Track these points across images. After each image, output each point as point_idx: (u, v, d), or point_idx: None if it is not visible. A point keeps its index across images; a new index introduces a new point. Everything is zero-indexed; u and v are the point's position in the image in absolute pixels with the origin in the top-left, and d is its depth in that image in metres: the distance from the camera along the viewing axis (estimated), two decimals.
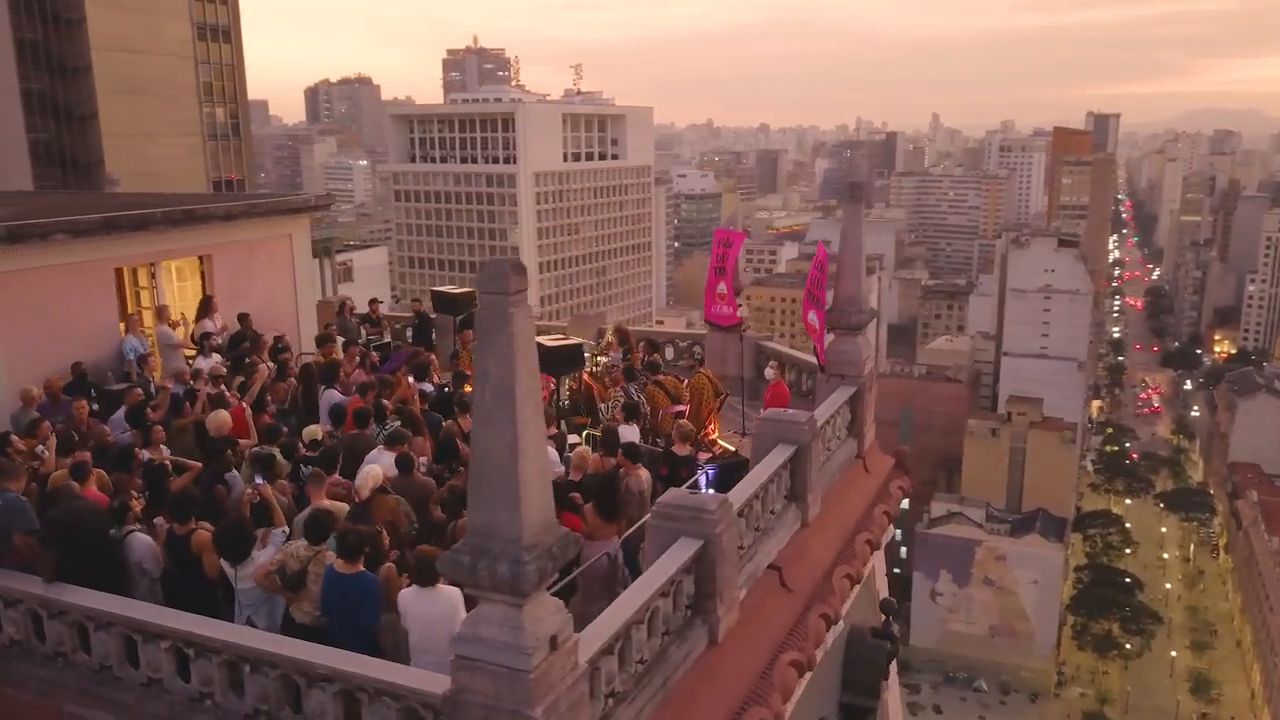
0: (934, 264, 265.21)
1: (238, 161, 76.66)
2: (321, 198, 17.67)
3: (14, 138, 57.48)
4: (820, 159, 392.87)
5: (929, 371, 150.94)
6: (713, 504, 8.26)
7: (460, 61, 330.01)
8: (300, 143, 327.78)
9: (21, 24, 57.98)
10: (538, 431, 5.71)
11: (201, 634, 6.91)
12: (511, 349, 5.48)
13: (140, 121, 64.90)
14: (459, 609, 6.87)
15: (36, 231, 12.21)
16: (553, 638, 5.86)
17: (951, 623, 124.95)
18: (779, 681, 8.64)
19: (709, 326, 16.25)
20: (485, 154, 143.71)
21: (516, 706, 5.68)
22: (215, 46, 74.48)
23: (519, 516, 5.58)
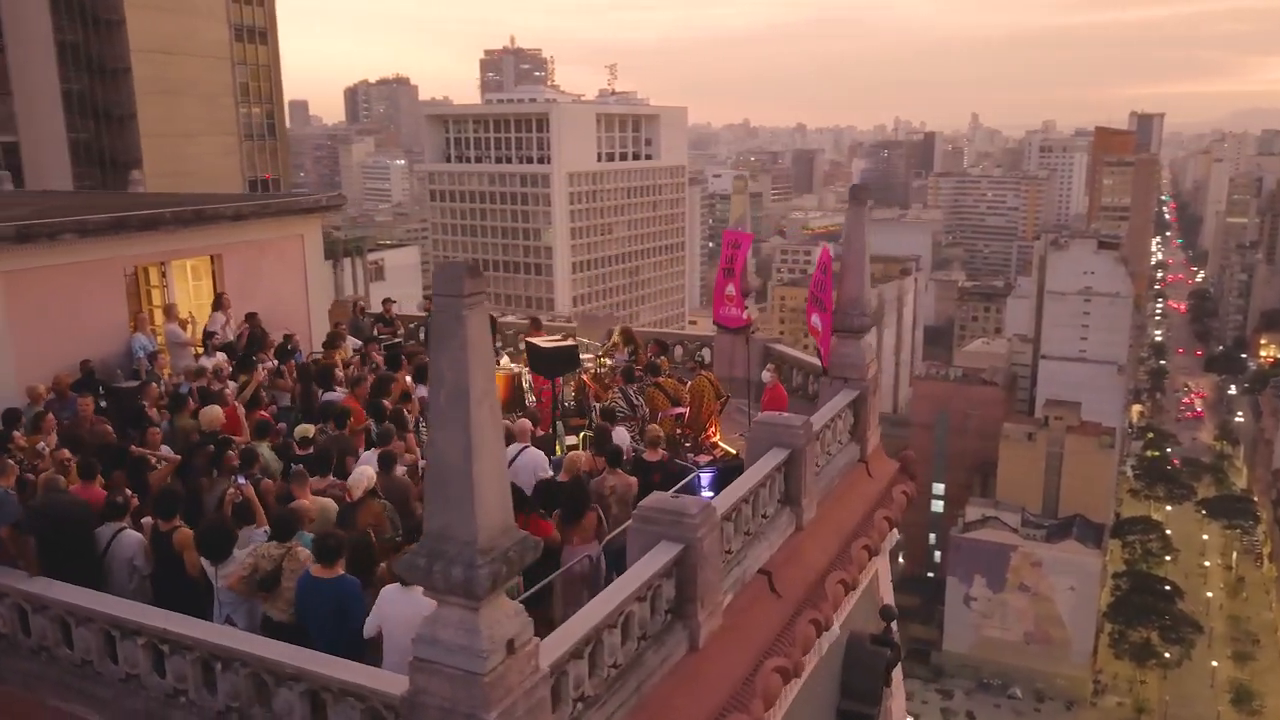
0: (971, 265, 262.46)
1: (273, 161, 77.60)
2: (332, 197, 17.81)
3: (55, 138, 58.73)
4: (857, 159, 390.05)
5: (965, 374, 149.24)
6: (693, 508, 8.20)
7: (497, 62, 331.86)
8: (339, 142, 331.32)
9: (63, 26, 59.20)
10: (494, 435, 5.70)
11: (175, 631, 6.98)
12: (465, 352, 5.47)
13: (178, 122, 65.86)
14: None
15: (45, 231, 12.44)
16: (510, 641, 5.85)
17: (986, 628, 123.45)
18: (762, 688, 8.57)
19: (717, 328, 16.18)
20: (520, 154, 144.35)
21: (472, 710, 5.68)
22: (252, 48, 75.45)
23: (474, 519, 5.58)
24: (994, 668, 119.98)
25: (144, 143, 62.85)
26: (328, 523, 8.30)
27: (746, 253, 15.44)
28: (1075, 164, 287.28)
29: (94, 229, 13.02)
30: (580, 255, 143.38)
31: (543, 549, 9.26)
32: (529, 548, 5.88)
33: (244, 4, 73.84)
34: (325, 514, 8.50)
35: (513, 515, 5.95)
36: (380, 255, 63.71)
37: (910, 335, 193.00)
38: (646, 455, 10.63)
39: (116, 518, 8.24)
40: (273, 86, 77.77)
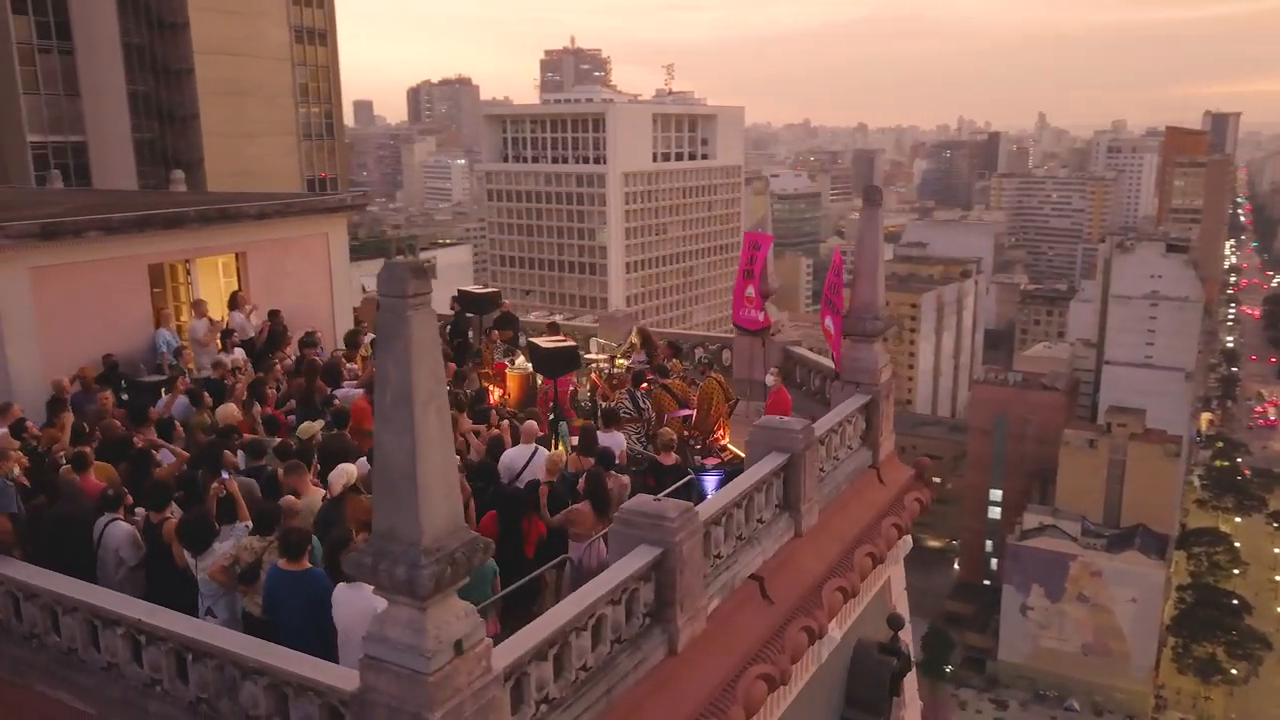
0: (1034, 268, 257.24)
1: (331, 160, 79.00)
2: (358, 197, 18.06)
3: (120, 138, 60.44)
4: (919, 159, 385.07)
5: (1025, 379, 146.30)
6: (673, 512, 8.14)
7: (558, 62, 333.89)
8: (401, 142, 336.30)
9: (129, 29, 60.89)
10: (441, 435, 5.71)
11: (149, 622, 7.13)
12: (409, 353, 5.49)
13: (239, 122, 67.40)
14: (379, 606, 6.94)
15: (70, 229, 12.82)
16: (458, 642, 5.86)
17: (1043, 639, 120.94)
18: (743, 694, 8.48)
19: (737, 330, 16.06)
20: (576, 154, 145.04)
21: (417, 709, 5.70)
22: (312, 49, 76.88)
23: (418, 520, 5.60)
24: (1051, 679, 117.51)
25: (206, 142, 64.41)
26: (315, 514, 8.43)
27: (766, 254, 15.30)
28: (1145, 165, 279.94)
29: (118, 227, 13.39)
30: (634, 255, 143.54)
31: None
32: (477, 549, 5.88)
33: (304, 6, 75.29)
34: (314, 506, 8.63)
35: (462, 516, 5.95)
36: (432, 254, 64.44)
37: (970, 339, 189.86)
38: (661, 459, 10.59)
39: (108, 509, 8.45)
40: (331, 87, 79.16)
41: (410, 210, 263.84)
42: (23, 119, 58.21)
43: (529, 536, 9.13)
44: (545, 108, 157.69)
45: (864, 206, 12.68)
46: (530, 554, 9.11)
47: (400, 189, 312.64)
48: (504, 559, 8.50)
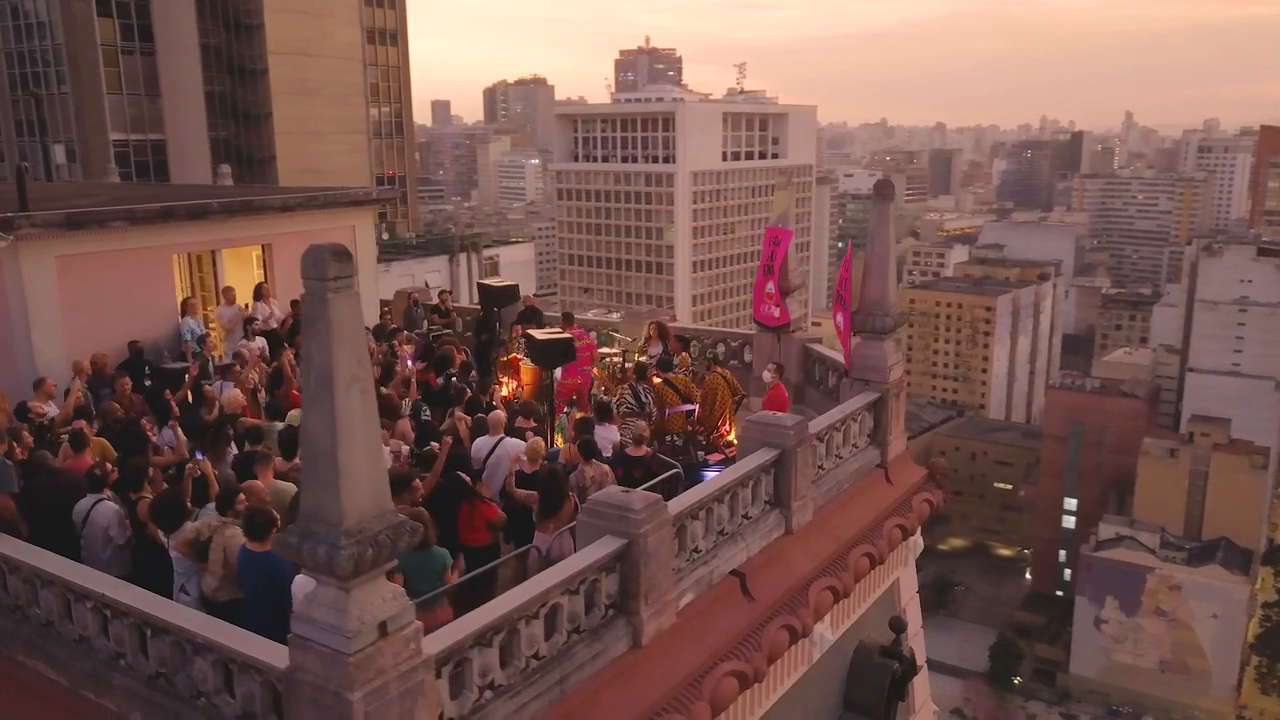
0: (1117, 271, 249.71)
1: (399, 158, 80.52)
2: (384, 191, 18.36)
3: (197, 136, 62.54)
4: (998, 159, 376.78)
5: (1103, 385, 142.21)
6: (639, 503, 8.09)
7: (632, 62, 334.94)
8: (477, 141, 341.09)
9: (207, 31, 62.99)
10: (364, 418, 5.75)
11: (111, 597, 7.33)
12: (330, 335, 5.55)
13: (310, 120, 69.14)
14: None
15: (95, 219, 13.28)
16: (383, 623, 5.90)
17: (1117, 653, 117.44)
18: (710, 690, 8.39)
19: (757, 327, 15.91)
20: (646, 153, 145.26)
21: (338, 689, 5.76)
22: (383, 49, 78.49)
23: (340, 501, 5.66)
24: (1124, 695, 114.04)
25: (278, 140, 66.32)
26: (282, 505, 8.57)
27: (787, 250, 15.12)
28: (1238, 165, 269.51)
29: (142, 217, 13.83)
30: (701, 254, 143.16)
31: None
32: (404, 532, 5.91)
33: (376, 7, 76.87)
34: (279, 496, 8.78)
35: (389, 498, 5.99)
36: (496, 251, 65.27)
37: (1047, 343, 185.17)
38: (630, 450, 10.56)
39: (96, 489, 8.73)
40: (401, 87, 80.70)
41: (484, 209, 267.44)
42: (106, 118, 60.58)
43: (472, 523, 9.13)
44: (616, 107, 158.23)
45: (875, 201, 12.46)
46: (481, 540, 9.12)
47: (475, 188, 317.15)
48: (445, 540, 8.58)
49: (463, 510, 9.10)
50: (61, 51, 60.68)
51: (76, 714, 7.59)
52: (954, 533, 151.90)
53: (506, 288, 16.60)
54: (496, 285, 16.75)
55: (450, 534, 9.06)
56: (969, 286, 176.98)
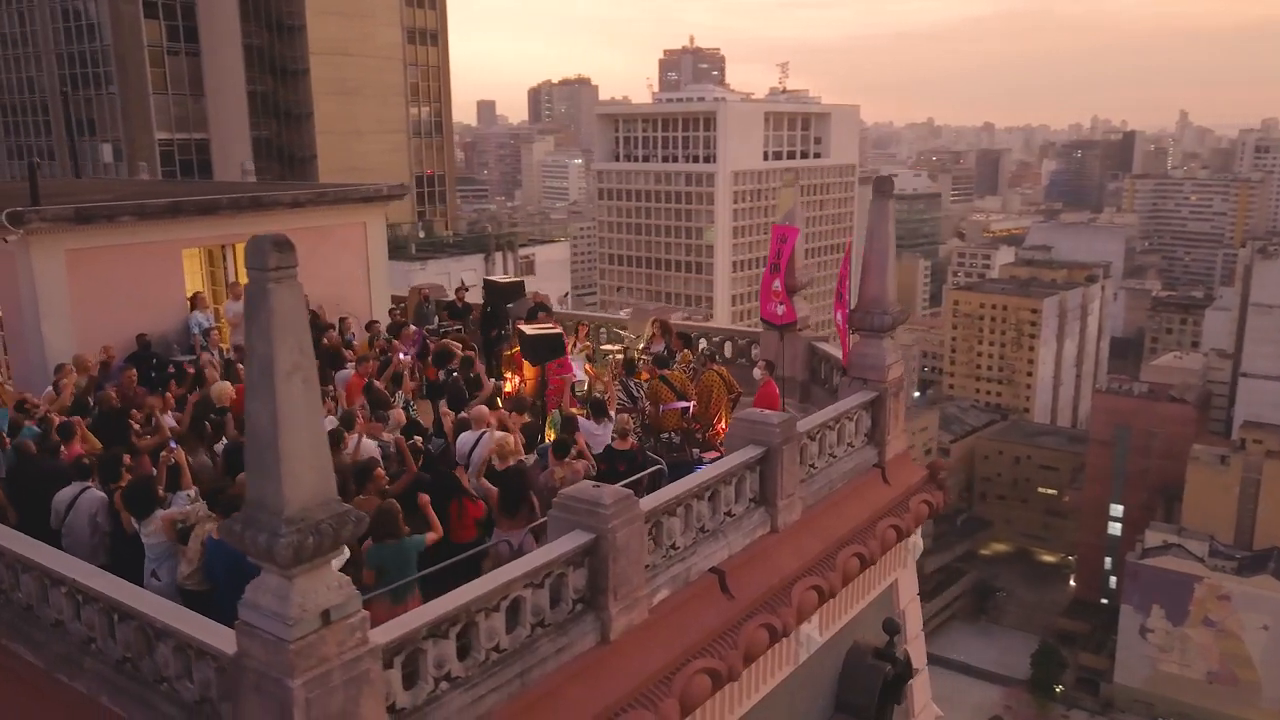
0: (1169, 274, 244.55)
1: (438, 157, 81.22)
2: (394, 188, 18.49)
3: (240, 135, 63.60)
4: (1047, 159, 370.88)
5: (1151, 389, 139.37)
6: (609, 498, 8.08)
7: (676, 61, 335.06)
8: (521, 141, 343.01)
9: (250, 31, 64.04)
10: (307, 407, 5.79)
11: (84, 582, 7.47)
12: (271, 325, 5.61)
13: (350, 120, 70.01)
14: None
15: (104, 213, 13.56)
16: (326, 612, 5.94)
17: (1163, 663, 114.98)
18: (680, 688, 8.35)
19: (764, 325, 15.80)
20: (686, 153, 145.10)
21: (279, 675, 5.81)
22: (423, 49, 79.23)
23: (281, 490, 5.71)
24: (1170, 705, 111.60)
25: (319, 139, 67.23)
26: None
27: (793, 247, 15.01)
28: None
29: (151, 213, 14.09)
30: (741, 254, 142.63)
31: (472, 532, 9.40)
32: (349, 521, 5.95)
33: (417, 7, 77.61)
34: None
35: (334, 488, 6.03)
36: (531, 250, 65.62)
37: (1095, 346, 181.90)
38: (615, 444, 10.54)
39: (81, 478, 8.91)
40: (441, 86, 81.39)
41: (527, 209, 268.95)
42: (152, 117, 61.83)
43: (461, 520, 9.17)
44: (657, 107, 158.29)
45: (874, 198, 12.33)
46: (468, 538, 9.14)
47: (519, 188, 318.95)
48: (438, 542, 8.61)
49: (452, 508, 9.14)
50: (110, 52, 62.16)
51: (52, 696, 7.75)
52: (996, 538, 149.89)
53: (512, 284, 16.68)
54: (503, 281, 16.84)
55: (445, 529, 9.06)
56: (1015, 288, 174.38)
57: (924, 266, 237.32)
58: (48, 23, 65.60)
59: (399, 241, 61.18)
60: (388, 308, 17.37)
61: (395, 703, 6.65)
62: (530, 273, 65.14)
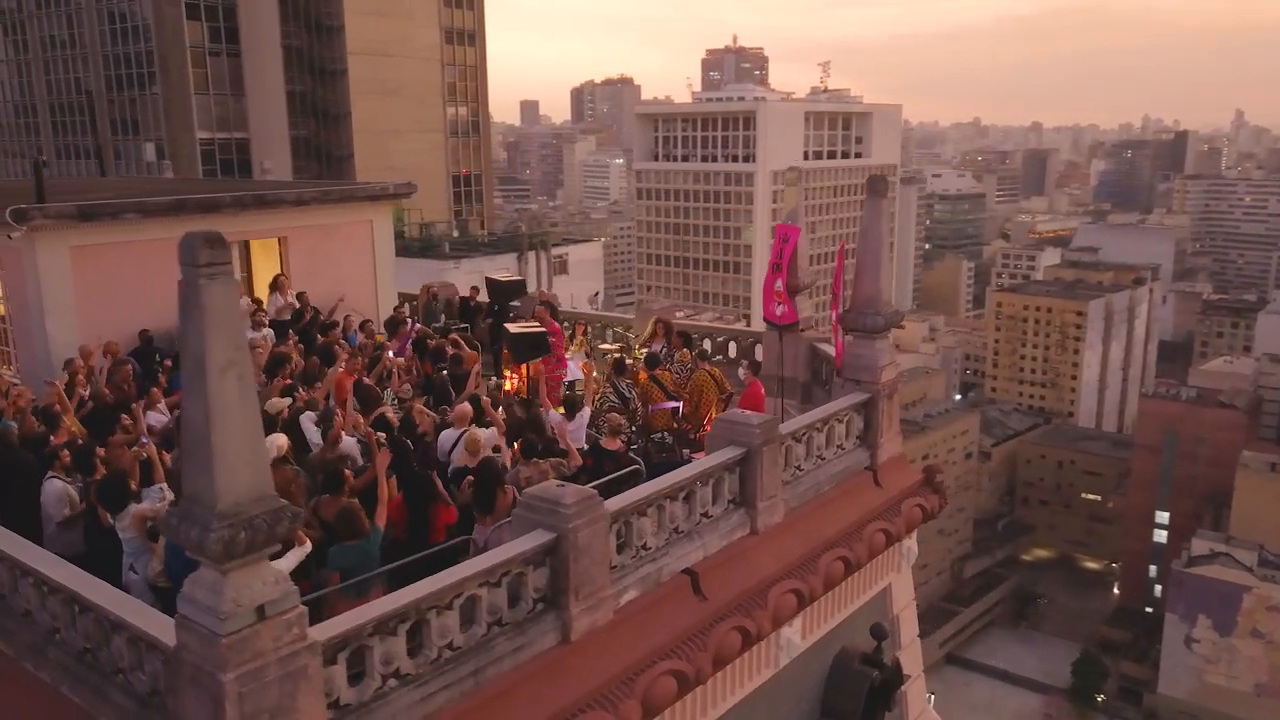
0: (1220, 276, 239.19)
1: (475, 157, 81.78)
2: (400, 186, 18.61)
3: (279, 135, 64.53)
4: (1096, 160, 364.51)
5: (1199, 394, 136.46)
6: (570, 498, 8.05)
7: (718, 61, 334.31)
8: (564, 141, 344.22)
9: (290, 32, 64.95)
10: (240, 403, 5.82)
11: (47, 573, 7.59)
12: (203, 321, 5.65)
13: (388, 119, 70.74)
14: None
15: (107, 210, 13.80)
16: (261, 607, 5.97)
17: (1209, 674, 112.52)
18: (643, 689, 8.29)
19: (766, 325, 15.67)
20: (726, 152, 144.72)
21: (212, 669, 5.86)
22: (461, 50, 79.82)
23: (213, 485, 5.75)
24: (1216, 718, 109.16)
25: (356, 139, 67.99)
26: None
27: (795, 247, 14.87)
28: None
29: (154, 210, 14.32)
30: None
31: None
32: (284, 517, 5.97)
33: (455, 8, 78.19)
34: None
35: (271, 484, 6.06)
36: (564, 250, 65.75)
37: (1142, 350, 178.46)
38: (604, 443, 10.50)
39: (47, 467, 9.06)
40: (479, 86, 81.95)
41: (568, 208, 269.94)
42: (193, 117, 62.95)
43: (434, 524, 9.17)
44: (696, 106, 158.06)
45: (868, 197, 12.18)
46: (438, 540, 9.15)
47: (561, 187, 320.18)
48: (412, 542, 8.65)
49: (430, 512, 9.16)
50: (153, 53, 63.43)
51: (18, 683, 7.88)
52: (1038, 543, 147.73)
53: (513, 282, 16.74)
54: (504, 279, 16.91)
55: (422, 534, 9.11)
56: (1060, 290, 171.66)
57: (967, 268, 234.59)
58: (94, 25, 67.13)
59: (433, 240, 61.57)
60: (393, 305, 17.49)
61: (339, 699, 6.67)
62: (563, 272, 65.26)
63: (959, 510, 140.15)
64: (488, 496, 8.84)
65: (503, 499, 9.01)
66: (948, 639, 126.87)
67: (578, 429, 10.96)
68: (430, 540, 9.14)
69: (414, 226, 62.00)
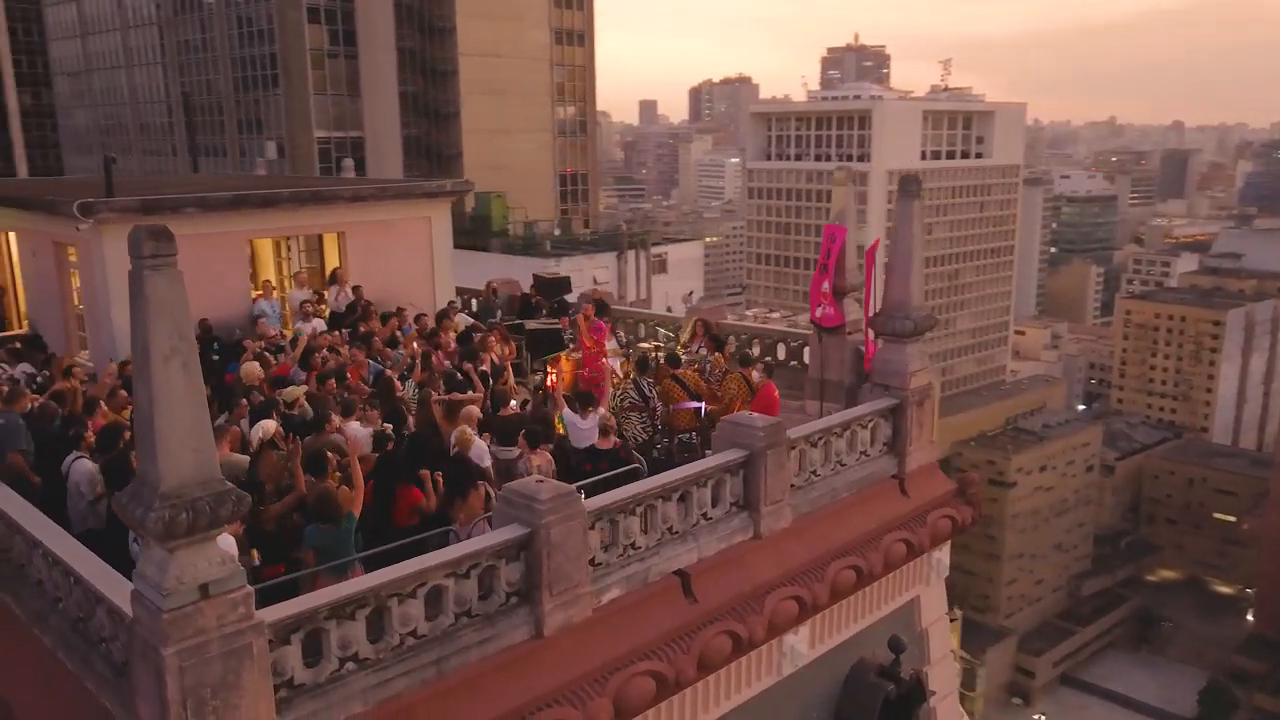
0: None
1: (582, 156, 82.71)
2: (458, 183, 18.93)
3: (391, 134, 66.66)
4: (1243, 160, 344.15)
5: None
6: (544, 494, 8.10)
7: (839, 59, 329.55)
8: (680, 141, 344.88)
9: (404, 34, 67.05)
10: (185, 389, 6.07)
11: (48, 545, 8.07)
12: (147, 311, 5.92)
13: (497, 119, 72.19)
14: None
15: (169, 205, 14.53)
16: (204, 585, 6.22)
17: None
18: (616, 688, 8.28)
19: (813, 328, 15.36)
20: (840, 152, 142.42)
21: (155, 643, 6.13)
22: (570, 50, 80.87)
23: (157, 467, 6.02)
24: None
25: (465, 138, 69.69)
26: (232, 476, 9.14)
27: (842, 247, 14.52)
28: None
29: (214, 205, 15.00)
30: None
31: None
32: (226, 500, 6.20)
33: (565, 9, 79.24)
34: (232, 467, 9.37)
35: (216, 467, 6.29)
36: (664, 249, 65.85)
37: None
38: (598, 443, 10.51)
39: (74, 448, 9.61)
40: (587, 86, 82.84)
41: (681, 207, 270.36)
42: (311, 117, 65.60)
43: (398, 503, 9.33)
44: (811, 105, 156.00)
45: (900, 198, 11.83)
46: (402, 522, 9.30)
47: (676, 187, 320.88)
48: (379, 525, 8.83)
49: (396, 493, 9.34)
50: (276, 56, 66.49)
51: (28, 646, 8.39)
52: (1165, 564, 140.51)
53: (558, 279, 16.89)
54: (550, 277, 17.07)
55: (387, 513, 9.33)
56: (1195, 298, 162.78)
57: (1096, 273, 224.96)
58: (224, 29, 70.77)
59: (535, 238, 62.56)
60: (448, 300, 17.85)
61: (294, 678, 6.88)
62: (662, 271, 65.35)
63: (1079, 525, 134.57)
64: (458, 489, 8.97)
65: (475, 494, 9.10)
66: (1063, 658, 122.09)
67: (589, 425, 10.99)
68: (394, 520, 9.30)
69: (518, 224, 63.13)
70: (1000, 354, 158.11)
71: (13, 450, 9.64)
